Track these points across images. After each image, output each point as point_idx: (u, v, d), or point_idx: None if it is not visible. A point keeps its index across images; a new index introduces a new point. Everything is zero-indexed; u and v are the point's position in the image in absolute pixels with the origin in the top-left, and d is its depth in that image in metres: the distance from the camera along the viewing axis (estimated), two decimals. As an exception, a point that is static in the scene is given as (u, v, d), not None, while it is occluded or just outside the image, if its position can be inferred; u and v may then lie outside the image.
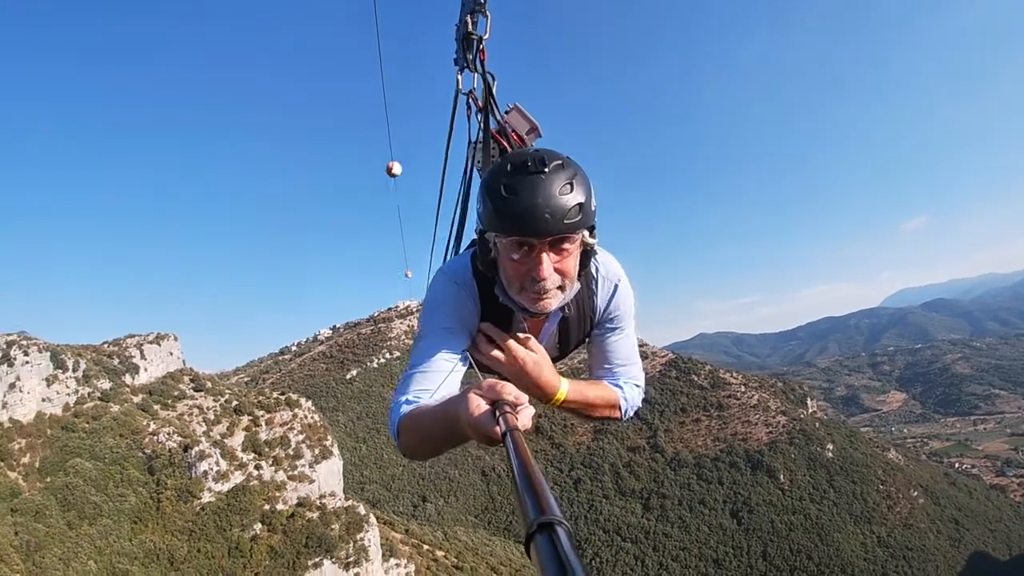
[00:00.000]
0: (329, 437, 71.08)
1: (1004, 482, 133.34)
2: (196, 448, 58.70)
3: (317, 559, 55.13)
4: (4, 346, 60.33)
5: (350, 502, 63.41)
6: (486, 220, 2.27)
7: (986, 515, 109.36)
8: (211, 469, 58.20)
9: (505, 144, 3.50)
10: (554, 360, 2.88)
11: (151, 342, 76.62)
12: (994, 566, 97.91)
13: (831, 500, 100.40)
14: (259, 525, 56.35)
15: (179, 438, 60.79)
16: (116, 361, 71.00)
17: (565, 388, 2.73)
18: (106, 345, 75.02)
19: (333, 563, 55.42)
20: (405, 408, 2.26)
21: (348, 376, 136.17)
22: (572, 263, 2.34)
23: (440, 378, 2.40)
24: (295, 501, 60.12)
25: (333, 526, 58.10)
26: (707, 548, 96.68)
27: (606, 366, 2.97)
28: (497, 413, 1.59)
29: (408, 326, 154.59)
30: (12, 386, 58.97)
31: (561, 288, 2.36)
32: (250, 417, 68.36)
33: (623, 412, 2.99)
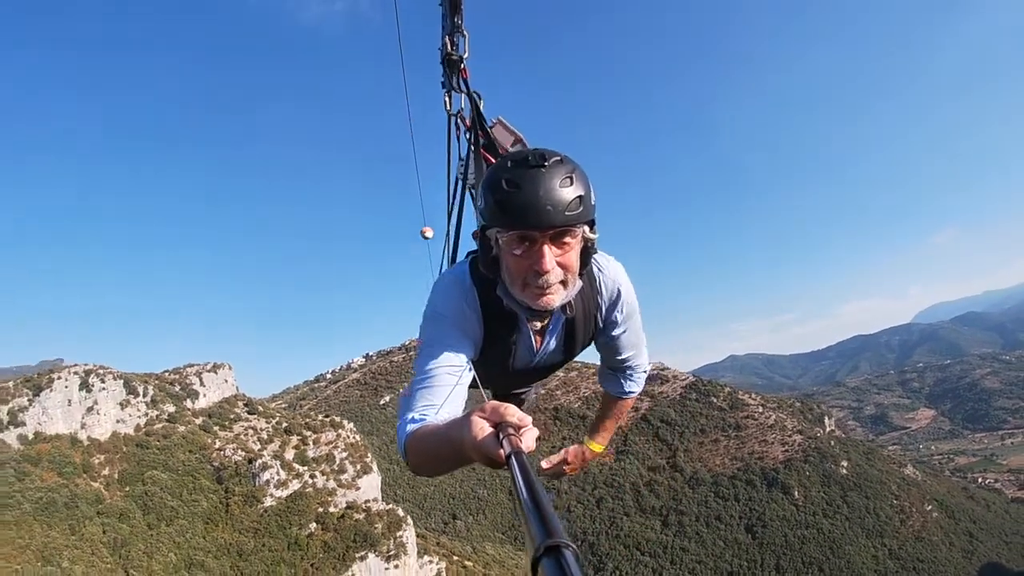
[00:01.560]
0: (369, 455, 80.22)
1: None
2: (259, 460, 69.08)
3: (363, 552, 65.14)
4: (83, 375, 70.01)
5: (391, 506, 73.82)
6: (487, 215, 2.41)
7: (1002, 528, 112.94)
8: (272, 478, 68.58)
9: (488, 159, 4.00)
10: (560, 364, 3.22)
11: (209, 371, 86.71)
12: None
13: (844, 515, 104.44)
14: (314, 524, 66.62)
15: (242, 452, 71.00)
16: (178, 388, 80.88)
17: (600, 446, 3.61)
18: (167, 373, 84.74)
19: (376, 556, 65.23)
20: (411, 427, 2.34)
21: (382, 402, 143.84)
22: (573, 257, 2.46)
23: (445, 392, 2.47)
24: (344, 505, 70.16)
25: (376, 525, 68.02)
26: (722, 562, 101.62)
27: (617, 358, 3.31)
28: (501, 436, 1.60)
29: None
30: (90, 409, 68.82)
31: (563, 283, 2.47)
32: (299, 436, 77.31)
33: (632, 396, 3.58)
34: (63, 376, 68.86)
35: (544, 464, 3.23)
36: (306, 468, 72.15)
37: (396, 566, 66.10)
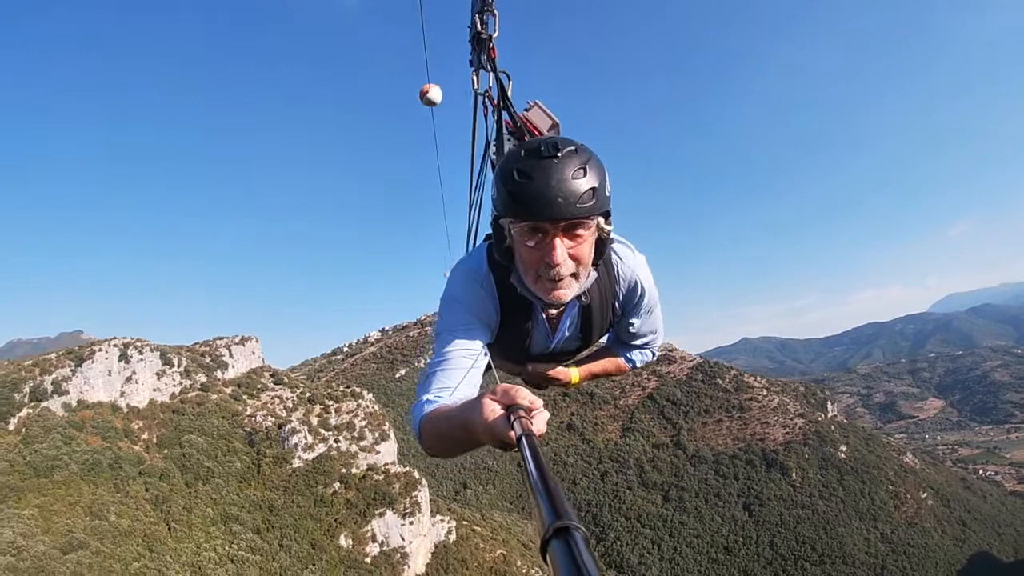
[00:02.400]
0: (387, 423, 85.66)
1: None
2: (288, 426, 75.11)
3: (381, 510, 71.36)
4: (122, 347, 75.78)
5: (407, 468, 79.77)
6: (500, 205, 2.39)
7: (996, 519, 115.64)
8: (300, 442, 74.60)
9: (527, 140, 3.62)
10: (577, 351, 3.28)
11: (237, 343, 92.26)
12: (995, 566, 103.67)
13: (839, 497, 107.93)
14: (338, 484, 72.73)
15: (272, 419, 77.17)
16: (208, 359, 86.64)
17: (575, 373, 3.46)
18: (198, 345, 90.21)
19: (394, 513, 71.43)
20: (426, 408, 2.39)
21: (398, 375, 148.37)
22: (586, 250, 2.44)
23: (460, 375, 2.51)
24: (365, 467, 76.18)
25: (394, 486, 74.23)
26: (719, 536, 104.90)
27: (632, 341, 3.38)
28: (512, 418, 1.62)
29: None
30: (128, 379, 74.61)
31: (575, 276, 2.46)
32: (321, 406, 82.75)
33: (631, 367, 3.62)
34: (104, 348, 74.56)
35: (530, 367, 3.29)
36: (330, 433, 77.85)
37: (411, 523, 71.91)
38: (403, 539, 71.43)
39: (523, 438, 1.45)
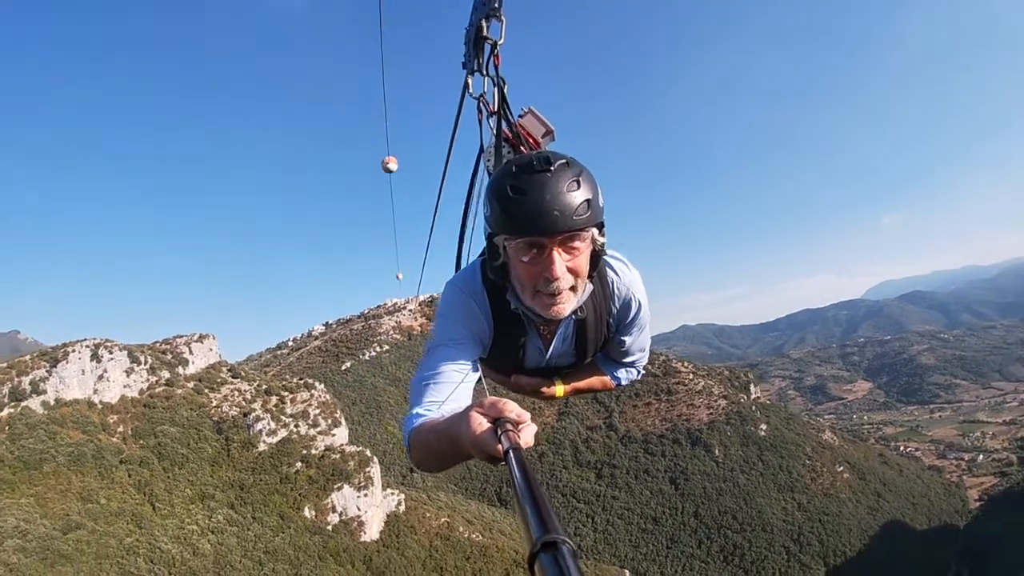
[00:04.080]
0: (338, 411, 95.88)
1: (943, 464, 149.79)
2: (253, 414, 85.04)
3: (339, 484, 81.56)
4: (93, 347, 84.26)
5: (360, 448, 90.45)
6: (494, 223, 2.42)
7: (911, 491, 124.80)
8: (264, 428, 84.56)
9: (522, 149, 3.87)
10: (571, 366, 3.34)
11: (196, 341, 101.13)
12: (908, 532, 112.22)
13: (759, 471, 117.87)
14: (300, 463, 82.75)
15: (236, 409, 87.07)
16: (170, 356, 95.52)
17: (559, 387, 3.41)
18: (159, 344, 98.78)
19: (350, 487, 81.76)
20: (415, 422, 2.42)
21: (343, 367, 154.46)
22: (583, 262, 2.50)
23: (451, 388, 2.57)
24: (323, 448, 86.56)
25: (349, 463, 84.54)
26: (648, 509, 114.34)
27: (620, 358, 3.41)
28: (499, 431, 1.64)
29: (396, 322, 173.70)
30: (100, 377, 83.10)
31: (573, 289, 2.52)
32: (277, 396, 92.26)
33: (616, 385, 3.62)
34: (76, 349, 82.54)
35: (514, 379, 3.30)
36: (290, 420, 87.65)
37: (365, 495, 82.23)
38: (359, 509, 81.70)
39: (510, 451, 1.49)
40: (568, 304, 2.53)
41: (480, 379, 2.81)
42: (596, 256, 2.55)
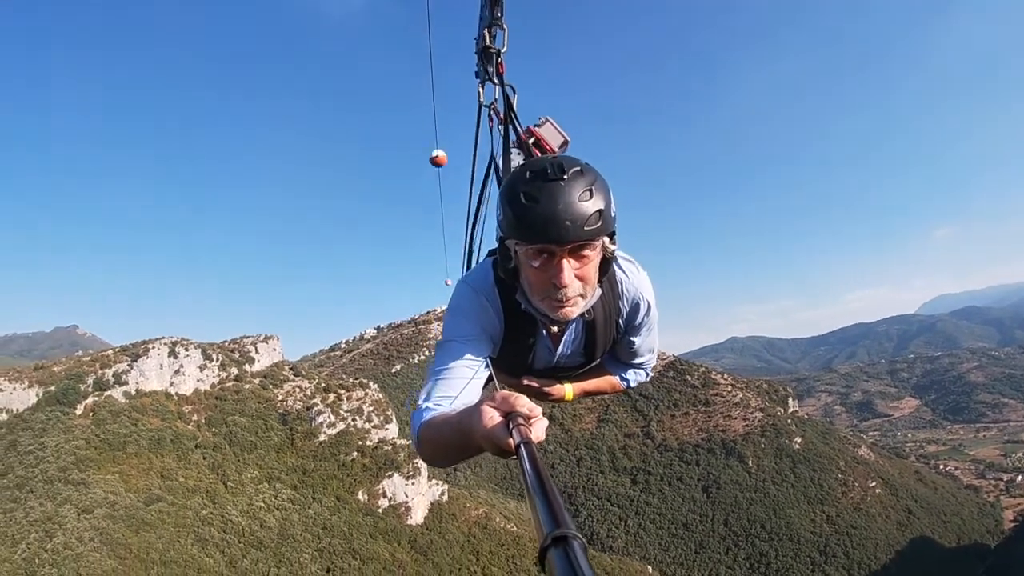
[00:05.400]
0: (390, 409, 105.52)
1: (981, 483, 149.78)
2: (315, 408, 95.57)
3: (390, 473, 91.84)
4: (171, 345, 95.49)
5: (409, 440, 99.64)
6: (506, 228, 2.44)
7: (944, 509, 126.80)
8: (324, 421, 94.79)
9: (536, 154, 3.90)
10: (580, 367, 3.38)
11: (262, 341, 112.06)
12: (935, 550, 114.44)
13: (791, 483, 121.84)
14: (356, 453, 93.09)
15: (300, 403, 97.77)
16: (237, 355, 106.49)
17: (569, 390, 3.48)
18: (227, 343, 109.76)
19: (400, 476, 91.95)
20: (425, 416, 2.45)
21: (393, 370, 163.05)
22: (592, 270, 2.53)
23: (461, 385, 2.61)
24: (376, 440, 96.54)
25: (400, 454, 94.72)
26: (679, 515, 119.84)
27: (628, 360, 3.48)
28: (511, 425, 1.67)
29: None
30: (177, 371, 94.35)
31: (582, 295, 2.55)
32: (335, 394, 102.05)
33: (626, 387, 3.68)
34: (155, 346, 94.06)
35: (524, 381, 3.33)
36: (348, 414, 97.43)
37: (413, 483, 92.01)
38: (407, 496, 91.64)
39: (522, 445, 1.51)
40: (576, 308, 2.60)
41: (491, 377, 2.88)
42: (606, 262, 2.63)
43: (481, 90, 4.35)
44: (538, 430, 1.70)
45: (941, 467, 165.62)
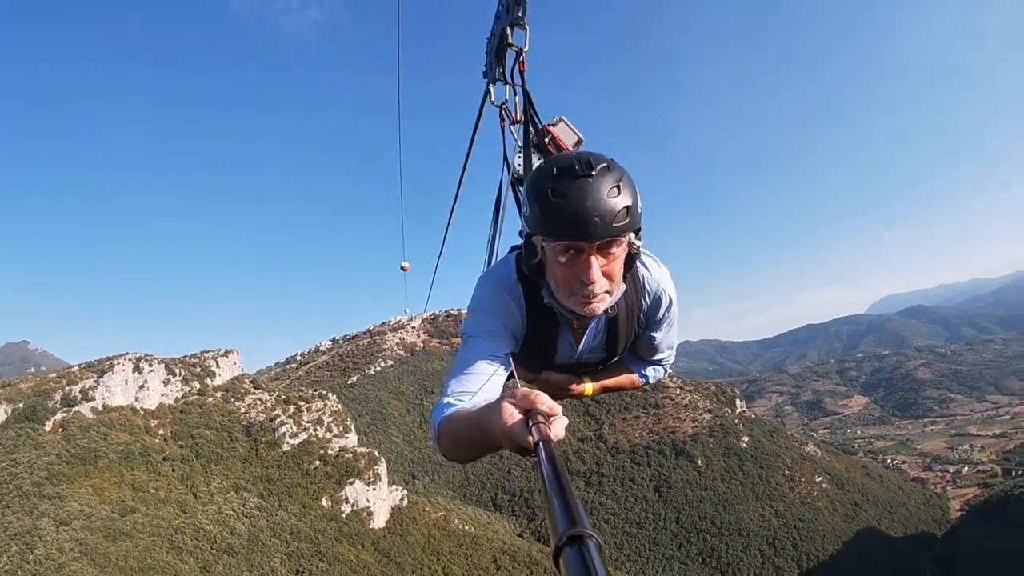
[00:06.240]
0: (349, 419, 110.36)
1: (928, 476, 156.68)
2: (278, 419, 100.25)
3: (352, 480, 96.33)
4: (135, 360, 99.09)
5: (369, 449, 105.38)
6: (533, 224, 2.45)
7: (890, 500, 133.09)
8: (287, 431, 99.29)
9: (551, 151, 4.11)
10: (602, 362, 3.42)
11: (222, 355, 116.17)
12: (882, 539, 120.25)
13: (739, 481, 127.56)
14: (318, 461, 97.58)
15: (262, 414, 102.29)
16: (199, 369, 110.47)
17: (588, 386, 3.50)
18: (188, 358, 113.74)
19: (361, 482, 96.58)
20: (446, 411, 2.45)
21: (349, 381, 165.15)
22: (618, 266, 2.55)
23: (482, 380, 2.63)
24: (338, 448, 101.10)
25: (360, 462, 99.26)
26: (632, 514, 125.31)
27: (649, 355, 3.52)
28: (530, 423, 1.66)
29: (400, 339, 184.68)
30: (141, 387, 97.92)
31: (608, 292, 2.57)
32: (295, 406, 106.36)
33: (644, 383, 3.73)
34: (120, 362, 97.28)
35: (544, 376, 3.35)
36: (309, 425, 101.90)
37: (373, 489, 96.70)
38: (368, 501, 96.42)
39: (541, 443, 1.50)
40: (603, 304, 2.61)
41: (512, 373, 2.86)
42: (631, 258, 2.64)
43: (492, 90, 4.48)
44: (557, 428, 1.70)
45: (889, 461, 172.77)
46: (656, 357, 3.57)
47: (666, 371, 3.76)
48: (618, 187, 2.33)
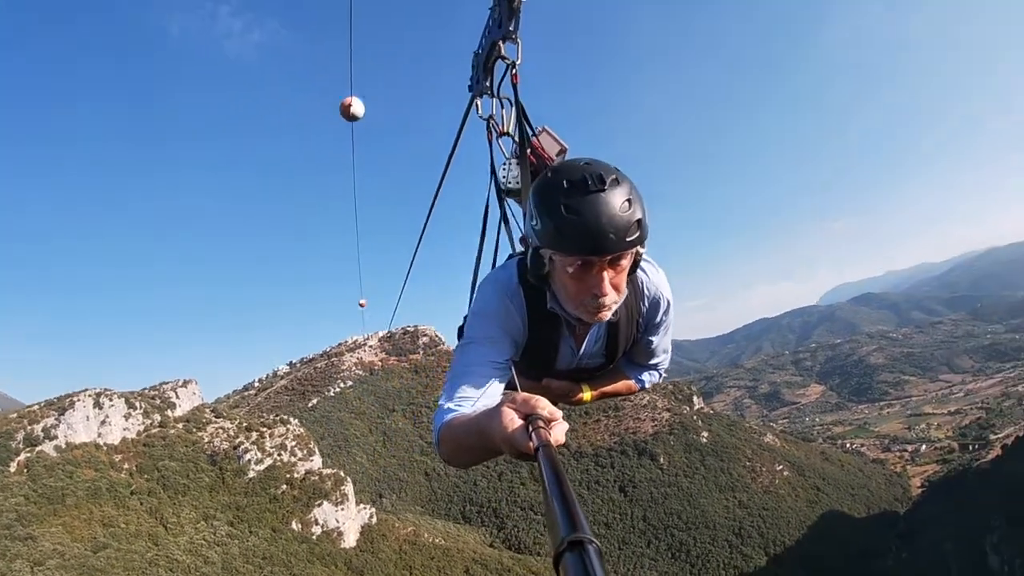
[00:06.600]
0: (312, 442, 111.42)
1: (887, 456, 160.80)
2: (242, 446, 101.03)
3: (319, 501, 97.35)
4: (95, 396, 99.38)
5: (335, 470, 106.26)
6: (545, 239, 2.44)
7: (851, 483, 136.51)
8: (252, 458, 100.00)
9: (532, 159, 4.13)
10: (600, 367, 3.46)
11: (181, 386, 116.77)
12: (846, 521, 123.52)
13: (701, 475, 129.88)
14: (285, 485, 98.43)
15: (227, 443, 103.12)
16: (158, 401, 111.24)
17: (587, 392, 3.56)
18: (147, 391, 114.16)
19: (329, 503, 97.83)
20: (446, 417, 2.48)
21: (310, 404, 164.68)
22: (625, 276, 2.62)
23: (483, 385, 2.66)
24: (303, 471, 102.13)
25: (327, 483, 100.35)
26: (600, 516, 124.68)
27: (646, 360, 3.59)
28: (530, 428, 1.68)
29: (358, 358, 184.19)
30: (103, 422, 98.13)
31: (616, 301, 2.62)
32: (257, 432, 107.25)
33: (640, 388, 3.80)
34: (81, 398, 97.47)
35: (545, 382, 3.40)
36: (273, 450, 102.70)
37: (342, 509, 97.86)
38: (338, 521, 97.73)
39: (541, 448, 1.52)
40: (610, 312, 2.67)
41: (514, 381, 2.96)
42: (634, 265, 2.67)
43: (479, 103, 4.53)
44: (558, 433, 1.71)
45: (848, 445, 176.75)
46: (652, 361, 3.69)
47: (661, 375, 3.85)
48: (629, 200, 2.38)
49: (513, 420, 1.77)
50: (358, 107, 6.64)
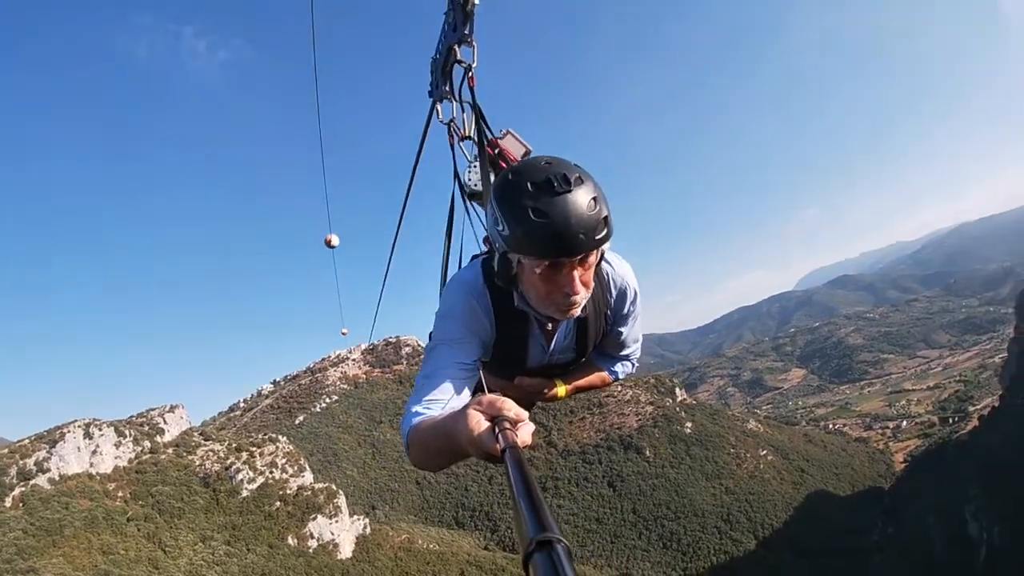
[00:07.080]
0: (303, 459, 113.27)
1: (869, 434, 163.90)
2: (233, 467, 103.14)
3: (314, 515, 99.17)
4: (85, 427, 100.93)
5: (328, 484, 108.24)
6: (513, 243, 2.43)
7: (834, 463, 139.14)
8: (244, 478, 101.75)
9: (502, 165, 4.12)
10: (572, 362, 3.46)
11: (168, 411, 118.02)
12: (832, 500, 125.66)
13: (687, 465, 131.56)
14: (278, 502, 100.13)
15: (218, 464, 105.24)
16: (147, 428, 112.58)
17: (561, 387, 3.54)
18: (134, 418, 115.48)
19: (323, 517, 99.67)
20: (414, 420, 2.47)
21: (296, 421, 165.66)
22: (592, 272, 2.64)
23: (451, 388, 2.65)
24: (296, 487, 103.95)
25: (320, 497, 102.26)
26: (590, 512, 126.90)
27: (616, 351, 3.62)
28: (497, 430, 1.67)
29: (342, 373, 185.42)
30: (94, 452, 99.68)
31: (584, 297, 2.64)
32: (247, 452, 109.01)
33: (614, 379, 3.80)
34: (71, 430, 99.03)
35: (517, 381, 3.39)
36: (265, 469, 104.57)
37: (336, 522, 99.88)
38: (333, 534, 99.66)
39: (508, 450, 1.53)
40: (579, 308, 2.71)
41: (482, 382, 2.95)
42: (600, 260, 2.68)
43: (439, 108, 4.45)
44: (524, 434, 1.71)
45: (830, 426, 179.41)
46: (623, 352, 3.71)
47: (634, 365, 3.85)
48: (595, 198, 2.40)
49: (479, 422, 1.78)
50: (335, 240, 8.82)
